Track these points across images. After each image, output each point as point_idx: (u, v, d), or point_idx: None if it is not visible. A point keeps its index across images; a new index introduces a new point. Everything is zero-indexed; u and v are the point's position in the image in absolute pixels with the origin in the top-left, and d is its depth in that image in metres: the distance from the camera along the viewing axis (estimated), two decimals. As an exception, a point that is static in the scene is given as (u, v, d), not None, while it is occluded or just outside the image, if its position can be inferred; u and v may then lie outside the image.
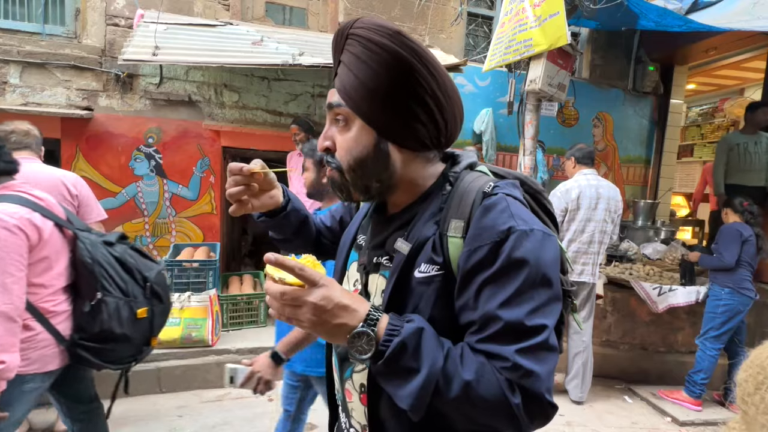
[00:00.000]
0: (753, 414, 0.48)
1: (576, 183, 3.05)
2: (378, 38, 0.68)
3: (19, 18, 3.59)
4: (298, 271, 0.60)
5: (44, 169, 2.32)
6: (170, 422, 2.64)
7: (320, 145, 0.77)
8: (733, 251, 2.94)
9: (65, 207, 1.99)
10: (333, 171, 0.76)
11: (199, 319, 3.06)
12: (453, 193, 0.73)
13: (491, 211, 0.66)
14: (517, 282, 0.62)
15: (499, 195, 0.68)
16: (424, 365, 0.60)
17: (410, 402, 0.60)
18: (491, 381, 0.60)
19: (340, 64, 0.73)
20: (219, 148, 3.97)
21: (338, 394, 0.87)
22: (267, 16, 4.20)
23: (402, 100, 0.70)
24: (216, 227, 4.05)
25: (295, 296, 0.60)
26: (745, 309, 2.99)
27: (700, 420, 2.99)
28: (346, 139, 0.74)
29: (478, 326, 0.64)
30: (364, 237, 0.85)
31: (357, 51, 0.69)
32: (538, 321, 0.62)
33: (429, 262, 0.69)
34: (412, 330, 0.61)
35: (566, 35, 2.90)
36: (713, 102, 7.28)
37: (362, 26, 0.70)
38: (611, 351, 3.59)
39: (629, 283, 3.43)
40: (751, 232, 2.97)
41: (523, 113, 3.53)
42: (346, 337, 0.60)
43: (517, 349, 0.60)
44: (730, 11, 3.32)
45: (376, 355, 0.60)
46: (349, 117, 0.73)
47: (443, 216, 0.71)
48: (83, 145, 3.62)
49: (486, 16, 4.86)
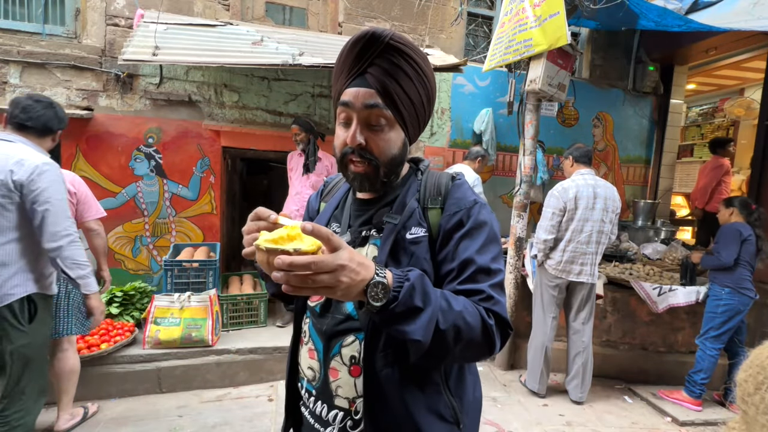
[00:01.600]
0: (753, 414, 0.48)
1: (573, 182, 3.04)
2: (419, 60, 0.85)
3: (19, 18, 3.58)
4: (332, 237, 0.63)
5: None
6: (170, 422, 2.64)
7: (354, 141, 0.84)
8: (731, 251, 2.93)
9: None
10: (368, 166, 0.86)
11: (199, 319, 3.06)
12: (426, 180, 0.95)
13: (460, 188, 0.92)
14: (482, 237, 0.86)
15: (462, 179, 0.95)
16: (430, 302, 0.72)
17: (422, 333, 0.70)
18: (473, 310, 0.78)
19: (373, 67, 0.82)
20: (219, 148, 3.97)
21: (314, 383, 0.91)
22: (267, 16, 4.20)
23: (426, 111, 0.91)
24: (216, 227, 4.06)
25: (327, 263, 0.61)
26: (746, 309, 2.98)
27: (700, 420, 2.99)
28: (384, 140, 0.86)
29: (456, 272, 0.84)
30: (338, 224, 0.98)
31: (402, 65, 0.82)
32: (497, 265, 0.86)
33: (417, 226, 0.88)
34: (416, 275, 0.73)
35: (566, 35, 2.90)
36: (713, 102, 7.28)
37: (402, 42, 0.82)
38: (611, 351, 3.59)
39: (629, 283, 3.43)
40: (750, 231, 2.96)
41: (523, 113, 3.53)
42: (362, 290, 0.67)
43: (489, 284, 0.82)
44: (730, 11, 3.32)
45: (391, 300, 0.68)
46: (389, 120, 0.85)
47: (422, 195, 0.92)
48: (83, 145, 3.62)
49: (486, 16, 4.86)
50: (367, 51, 0.81)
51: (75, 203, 2.37)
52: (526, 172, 3.49)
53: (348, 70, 0.84)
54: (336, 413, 0.88)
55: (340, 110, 0.86)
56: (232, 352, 3.11)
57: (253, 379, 3.14)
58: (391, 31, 0.81)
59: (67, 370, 2.37)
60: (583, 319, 3.09)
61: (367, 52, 0.81)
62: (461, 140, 4.58)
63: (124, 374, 2.88)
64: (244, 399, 2.94)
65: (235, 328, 3.45)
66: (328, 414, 0.89)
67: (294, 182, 3.74)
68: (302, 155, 3.67)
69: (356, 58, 0.82)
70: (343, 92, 0.85)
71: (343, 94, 0.85)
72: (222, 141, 3.96)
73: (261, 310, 3.55)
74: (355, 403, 0.87)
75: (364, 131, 0.84)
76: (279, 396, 2.99)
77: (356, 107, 0.83)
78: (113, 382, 2.86)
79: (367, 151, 0.85)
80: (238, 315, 3.48)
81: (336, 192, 1.07)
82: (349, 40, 0.84)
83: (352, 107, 0.83)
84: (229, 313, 3.44)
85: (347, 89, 0.84)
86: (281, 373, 3.19)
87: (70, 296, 2.32)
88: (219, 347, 3.11)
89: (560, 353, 3.33)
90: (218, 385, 3.05)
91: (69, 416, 2.46)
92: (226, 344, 3.15)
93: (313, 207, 1.12)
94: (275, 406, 2.86)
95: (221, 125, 3.92)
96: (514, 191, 3.60)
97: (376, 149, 0.85)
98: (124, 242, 3.80)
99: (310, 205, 1.13)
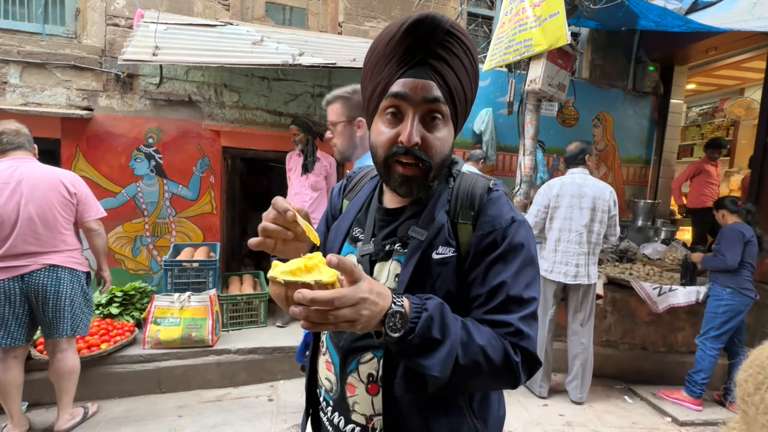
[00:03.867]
0: (753, 414, 0.48)
1: (559, 180, 3.04)
2: (474, 52, 0.76)
3: (19, 18, 3.58)
4: (355, 269, 0.60)
5: (42, 168, 2.32)
6: (170, 422, 2.63)
7: (412, 139, 0.73)
8: (735, 253, 2.92)
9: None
10: (418, 169, 0.76)
11: (199, 319, 3.06)
12: (458, 188, 0.83)
13: (497, 203, 0.80)
14: (517, 261, 0.76)
15: (500, 191, 0.82)
16: (448, 335, 0.67)
17: (440, 369, 0.66)
18: (498, 345, 0.71)
19: (434, 57, 0.72)
20: (219, 148, 3.97)
21: (332, 394, 0.87)
22: (267, 16, 4.20)
23: (469, 103, 0.81)
24: (216, 227, 4.05)
25: (350, 297, 0.58)
26: (746, 309, 2.98)
27: (700, 420, 2.98)
28: (439, 138, 0.76)
29: (485, 298, 0.75)
30: (361, 230, 0.89)
31: (461, 55, 0.74)
32: (531, 293, 0.76)
33: (445, 245, 0.78)
34: (435, 304, 0.68)
35: (566, 35, 2.90)
36: (713, 102, 7.28)
37: (462, 32, 0.74)
38: (611, 351, 3.59)
39: (629, 283, 3.43)
40: (752, 232, 2.95)
41: (523, 113, 3.53)
42: (381, 320, 0.63)
43: (518, 317, 0.74)
44: (730, 11, 3.32)
45: (409, 331, 0.64)
46: (446, 116, 0.76)
47: (452, 207, 0.81)
48: (83, 145, 3.62)
49: (486, 16, 4.86)
50: (427, 37, 0.71)
51: (75, 203, 2.37)
52: (526, 172, 3.49)
53: (400, 58, 0.73)
54: (353, 427, 0.84)
55: (388, 102, 0.75)
56: (232, 352, 3.11)
57: (253, 379, 3.14)
58: (456, 23, 0.73)
59: (66, 370, 2.37)
60: (582, 320, 3.07)
61: (427, 38, 0.71)
62: (461, 140, 4.57)
63: (124, 374, 2.88)
64: (244, 399, 2.94)
65: (235, 328, 3.45)
66: (345, 426, 0.85)
67: (293, 182, 3.74)
68: (301, 155, 3.67)
69: (413, 44, 0.71)
70: (395, 82, 0.73)
71: (395, 84, 0.73)
72: (222, 141, 3.96)
73: (261, 310, 3.55)
74: (372, 420, 0.82)
75: (419, 128, 0.74)
76: (279, 396, 2.99)
77: (415, 100, 0.73)
78: (113, 382, 2.85)
79: (422, 150, 0.75)
80: (238, 315, 3.48)
81: (360, 191, 0.97)
82: (398, 23, 0.72)
83: (409, 100, 0.73)
84: (229, 313, 3.44)
85: (401, 79, 0.73)
86: (281, 373, 3.19)
87: (64, 296, 2.31)
88: (219, 347, 3.11)
89: (561, 353, 3.33)
90: (218, 385, 3.05)
91: (69, 416, 2.46)
92: (226, 344, 3.15)
93: (335, 205, 1.02)
94: (275, 406, 2.86)
95: (221, 125, 3.92)
96: (514, 191, 3.60)
97: (431, 149, 0.75)
98: (124, 242, 3.80)
99: (333, 202, 1.03)
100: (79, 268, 2.39)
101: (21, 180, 2.22)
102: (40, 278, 2.24)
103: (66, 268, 2.32)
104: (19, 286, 2.22)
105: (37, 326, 2.38)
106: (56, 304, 2.28)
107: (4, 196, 2.19)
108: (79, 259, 2.41)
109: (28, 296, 2.25)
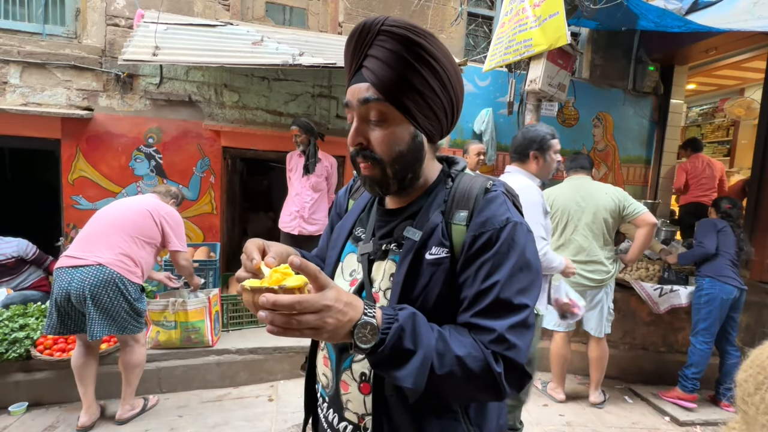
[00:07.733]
0: (753, 414, 0.48)
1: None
2: (416, 38, 0.72)
3: (19, 18, 3.59)
4: (319, 275, 0.60)
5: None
6: (170, 422, 2.64)
7: (353, 141, 0.78)
8: (711, 239, 3.08)
9: None
10: (374, 167, 0.79)
11: (196, 321, 3.02)
12: (456, 189, 0.82)
13: (492, 203, 0.77)
14: (509, 262, 0.72)
15: (498, 191, 0.80)
16: (421, 345, 0.65)
17: (413, 380, 0.64)
18: (478, 354, 0.68)
19: (368, 59, 0.74)
20: (219, 148, 3.97)
21: (327, 390, 0.88)
22: (267, 16, 4.20)
23: (437, 96, 0.77)
24: (216, 227, 4.05)
25: (312, 303, 0.58)
26: (729, 297, 2.98)
27: (700, 420, 2.99)
28: (385, 134, 0.77)
29: (472, 300, 0.72)
30: (363, 230, 0.91)
31: (395, 48, 0.72)
32: (523, 299, 0.72)
33: (439, 245, 0.77)
34: (407, 315, 0.66)
35: (566, 35, 2.90)
36: (713, 102, 7.28)
37: (397, 25, 0.72)
38: (611, 351, 3.57)
39: (629, 283, 3.43)
40: (725, 224, 3.14)
41: (523, 113, 3.53)
42: (350, 330, 0.62)
43: (506, 324, 0.70)
44: (730, 11, 3.31)
45: (379, 342, 0.63)
46: (387, 112, 0.76)
47: (448, 207, 0.80)
48: (83, 145, 3.62)
49: (486, 16, 4.86)
50: (361, 43, 0.74)
51: (161, 231, 2.71)
52: (526, 172, 3.49)
53: (348, 69, 0.79)
54: (346, 425, 0.84)
55: (347, 112, 0.80)
56: (232, 352, 3.11)
57: (253, 379, 3.14)
58: (387, 17, 0.73)
59: (132, 363, 2.54)
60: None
61: (361, 44, 0.74)
62: (461, 140, 4.57)
63: (124, 374, 2.88)
64: (244, 399, 2.94)
65: (235, 328, 3.45)
66: (338, 424, 0.85)
67: (294, 183, 3.74)
68: (302, 156, 3.67)
69: (352, 53, 0.77)
70: (347, 93, 0.79)
71: (346, 94, 0.80)
72: (222, 141, 3.96)
73: (261, 310, 3.53)
74: (364, 420, 0.82)
75: (365, 129, 0.77)
76: (279, 396, 2.99)
77: (354, 105, 0.77)
78: (114, 382, 2.85)
79: (369, 149, 0.78)
80: (239, 315, 3.48)
81: (364, 191, 0.99)
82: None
83: (351, 106, 0.78)
84: (230, 313, 3.44)
85: (348, 88, 0.79)
86: (281, 373, 3.19)
87: (101, 295, 2.35)
88: (219, 347, 3.11)
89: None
90: (218, 385, 3.05)
91: (129, 407, 2.61)
92: (226, 344, 3.15)
93: (341, 204, 1.05)
94: (275, 406, 2.86)
95: (221, 125, 3.92)
96: (514, 191, 3.59)
97: (377, 146, 0.77)
98: (124, 242, 3.79)
99: (339, 202, 1.06)
100: (129, 276, 2.43)
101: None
102: (86, 274, 2.31)
103: (113, 270, 2.37)
104: (77, 276, 2.31)
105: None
106: (94, 301, 2.31)
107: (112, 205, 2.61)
108: (133, 270, 2.46)
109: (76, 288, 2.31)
